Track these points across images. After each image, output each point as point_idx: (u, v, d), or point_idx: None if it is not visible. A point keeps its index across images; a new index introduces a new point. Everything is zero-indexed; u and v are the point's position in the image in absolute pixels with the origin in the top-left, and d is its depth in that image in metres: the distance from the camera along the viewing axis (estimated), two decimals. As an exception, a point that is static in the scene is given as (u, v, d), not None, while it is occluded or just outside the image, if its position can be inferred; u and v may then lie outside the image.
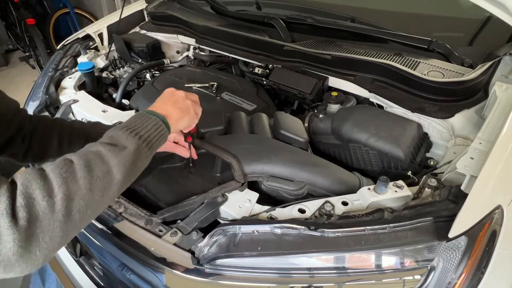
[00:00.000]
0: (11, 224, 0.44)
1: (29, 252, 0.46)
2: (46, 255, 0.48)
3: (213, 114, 1.17)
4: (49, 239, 0.48)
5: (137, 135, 0.62)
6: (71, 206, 0.50)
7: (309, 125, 1.20)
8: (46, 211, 0.47)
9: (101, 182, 0.54)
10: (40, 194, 0.48)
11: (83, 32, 1.74)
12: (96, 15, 4.28)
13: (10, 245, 0.44)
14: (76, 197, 0.51)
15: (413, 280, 0.68)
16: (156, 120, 0.68)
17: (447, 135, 1.04)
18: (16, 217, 0.45)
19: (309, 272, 0.71)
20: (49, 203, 0.48)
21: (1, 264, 0.45)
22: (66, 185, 0.50)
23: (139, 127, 0.64)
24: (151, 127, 0.66)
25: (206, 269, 0.74)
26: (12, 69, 4.31)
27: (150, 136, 0.65)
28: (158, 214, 0.86)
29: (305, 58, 1.30)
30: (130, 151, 0.59)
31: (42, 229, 0.47)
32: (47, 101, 1.32)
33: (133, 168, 0.60)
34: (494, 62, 1.05)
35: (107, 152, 0.57)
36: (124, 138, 0.61)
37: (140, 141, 0.62)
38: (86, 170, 0.53)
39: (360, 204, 0.82)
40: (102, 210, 0.58)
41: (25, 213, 0.46)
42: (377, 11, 1.53)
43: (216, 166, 1.00)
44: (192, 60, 1.75)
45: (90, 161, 0.54)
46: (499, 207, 0.68)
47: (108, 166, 0.56)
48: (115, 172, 0.56)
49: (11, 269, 0.46)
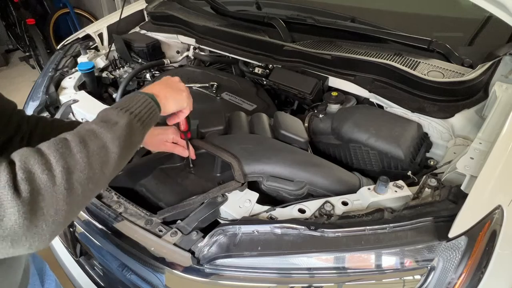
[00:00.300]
0: (14, 196, 0.44)
1: (35, 225, 0.46)
2: (53, 229, 0.48)
3: (213, 114, 1.17)
4: (54, 213, 0.48)
5: (128, 111, 0.63)
6: (72, 179, 0.50)
7: (309, 125, 1.21)
8: (47, 184, 0.48)
9: (98, 156, 0.55)
10: (39, 168, 0.48)
11: (83, 32, 1.74)
12: (96, 15, 4.28)
13: (15, 217, 0.44)
14: (76, 170, 0.51)
15: (413, 280, 0.68)
16: (145, 98, 0.69)
17: (447, 135, 1.04)
18: (18, 190, 0.45)
19: (309, 272, 0.71)
20: (49, 176, 0.48)
21: (8, 238, 0.44)
22: (64, 159, 0.50)
23: (128, 105, 0.65)
24: (140, 104, 0.67)
25: (206, 269, 0.74)
26: (12, 69, 4.30)
27: (140, 112, 0.65)
28: (158, 214, 0.86)
29: (305, 58, 1.30)
30: (122, 125, 0.60)
31: (46, 202, 0.47)
32: (47, 101, 1.32)
33: (128, 142, 0.60)
34: (494, 62, 1.05)
35: (99, 129, 0.58)
36: (115, 115, 0.62)
37: (131, 116, 0.63)
38: (82, 145, 0.53)
39: (360, 204, 0.82)
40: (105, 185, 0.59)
41: (26, 186, 0.46)
42: (377, 11, 1.53)
43: (216, 166, 1.00)
44: (192, 60, 1.75)
45: (84, 137, 0.55)
46: (499, 207, 0.68)
47: (103, 141, 0.56)
48: (111, 146, 0.57)
49: (19, 244, 0.46)
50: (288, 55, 1.35)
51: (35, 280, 0.83)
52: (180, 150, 0.96)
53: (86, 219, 0.93)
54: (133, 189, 1.02)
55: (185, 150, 0.96)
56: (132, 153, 0.64)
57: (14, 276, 0.70)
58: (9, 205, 0.44)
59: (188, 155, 0.98)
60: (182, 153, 0.97)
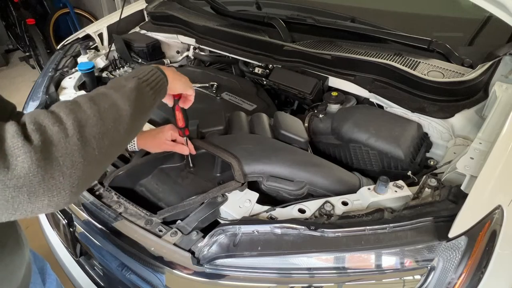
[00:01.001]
0: (24, 142, 0.43)
1: (52, 176, 0.44)
2: (72, 184, 0.47)
3: (213, 114, 1.18)
4: (71, 165, 0.46)
5: (135, 77, 0.64)
6: (84, 131, 0.49)
7: (309, 125, 1.20)
8: (59, 134, 0.47)
9: (109, 112, 0.54)
10: (50, 121, 0.47)
11: (83, 32, 1.74)
12: (96, 15, 4.28)
13: (27, 165, 0.42)
14: (88, 124, 0.50)
15: (413, 280, 0.68)
16: (151, 68, 0.69)
17: (447, 135, 1.04)
18: (29, 138, 0.44)
19: (309, 272, 0.71)
20: (61, 128, 0.47)
21: (23, 189, 0.42)
22: (74, 114, 0.50)
23: (135, 73, 0.66)
24: (147, 72, 0.67)
25: (206, 269, 0.74)
26: (12, 69, 4.30)
27: (149, 79, 0.66)
28: (158, 214, 0.86)
29: (305, 58, 1.30)
30: (132, 87, 0.61)
31: (60, 152, 0.46)
32: (47, 101, 1.32)
33: (138, 103, 0.60)
34: (494, 62, 1.05)
35: (108, 90, 0.58)
36: (123, 80, 0.62)
37: (139, 81, 0.63)
38: (91, 102, 0.53)
39: (360, 204, 0.82)
40: (123, 146, 0.59)
41: (38, 135, 0.45)
42: (377, 11, 1.53)
43: (216, 166, 1.00)
44: (192, 60, 1.75)
45: (93, 97, 0.55)
46: (499, 207, 0.68)
47: (112, 99, 0.56)
48: (121, 104, 0.57)
49: (36, 197, 0.44)
50: (288, 55, 1.35)
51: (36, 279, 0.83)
52: (180, 148, 0.96)
53: (86, 219, 0.93)
54: (133, 189, 1.02)
55: (185, 147, 0.96)
56: (145, 118, 0.65)
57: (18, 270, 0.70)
58: (21, 152, 0.42)
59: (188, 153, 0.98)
60: (183, 151, 0.97)
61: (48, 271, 0.93)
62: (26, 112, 1.29)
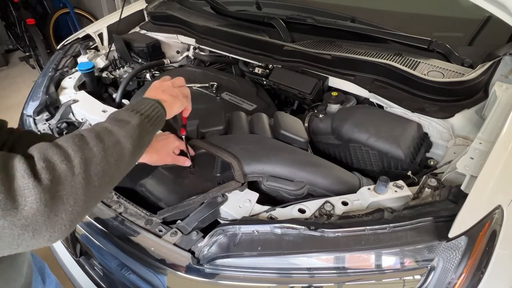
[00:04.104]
0: (35, 183, 0.45)
1: (56, 214, 0.46)
2: (72, 220, 0.48)
3: (213, 114, 1.18)
4: (74, 202, 0.48)
5: (138, 113, 0.66)
6: (89, 170, 0.51)
7: (309, 125, 1.20)
8: (66, 173, 0.48)
9: (113, 151, 0.57)
10: (58, 158, 0.49)
11: (83, 32, 1.74)
12: (96, 15, 4.28)
13: (36, 206, 0.44)
14: (93, 162, 0.52)
15: (413, 280, 0.68)
16: (152, 102, 0.72)
17: (447, 135, 1.04)
18: (39, 177, 0.46)
19: (309, 272, 0.71)
20: (68, 166, 0.49)
21: (29, 227, 0.44)
22: (82, 151, 0.52)
23: (138, 107, 0.68)
24: (149, 107, 0.70)
25: (206, 269, 0.74)
26: (12, 69, 4.30)
27: (150, 114, 0.68)
28: (158, 214, 0.86)
29: (305, 58, 1.30)
30: (134, 125, 0.63)
31: (66, 191, 0.48)
32: (47, 101, 1.32)
33: (140, 141, 0.63)
34: (494, 62, 1.05)
35: (113, 127, 0.60)
36: (127, 115, 0.64)
37: (142, 117, 0.66)
38: (98, 140, 0.55)
39: (360, 204, 0.82)
40: (118, 181, 0.61)
41: (47, 174, 0.46)
42: (377, 11, 1.53)
43: (216, 166, 1.00)
44: (192, 60, 1.75)
45: (100, 133, 0.57)
46: (499, 207, 0.68)
47: (117, 138, 0.59)
48: (124, 142, 0.59)
49: (39, 234, 0.45)
50: (288, 55, 1.34)
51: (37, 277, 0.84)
52: (183, 160, 0.97)
53: (86, 219, 0.93)
54: (133, 189, 1.02)
55: (187, 159, 0.97)
56: (143, 153, 0.67)
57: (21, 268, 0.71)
58: (30, 193, 0.44)
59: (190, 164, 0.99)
60: (185, 163, 0.98)
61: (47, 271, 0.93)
62: (26, 112, 1.30)
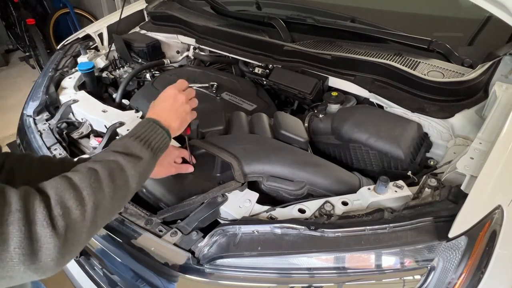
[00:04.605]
0: (53, 233, 0.47)
1: (63, 257, 0.49)
2: (70, 258, 0.51)
3: (213, 114, 1.17)
4: (77, 244, 0.51)
5: (149, 147, 0.67)
6: (97, 214, 0.54)
7: (309, 125, 1.20)
8: (78, 219, 0.51)
9: (121, 191, 0.59)
10: (74, 203, 0.51)
11: (83, 32, 1.74)
12: (96, 15, 4.28)
13: (50, 252, 0.46)
14: (101, 206, 0.54)
15: (413, 280, 0.68)
16: (162, 133, 0.72)
17: (447, 135, 1.04)
18: (55, 226, 0.48)
19: (309, 272, 0.71)
20: (81, 212, 0.51)
21: (39, 270, 0.47)
22: (95, 195, 0.54)
23: (149, 138, 0.69)
24: (158, 138, 0.70)
25: (206, 269, 0.74)
26: (12, 69, 4.30)
27: (158, 147, 0.70)
28: (158, 214, 0.86)
29: (305, 58, 1.30)
30: (145, 162, 0.64)
31: (75, 236, 0.50)
32: (47, 101, 1.32)
33: (144, 177, 0.66)
34: (494, 62, 1.05)
35: (126, 163, 0.61)
36: (139, 150, 0.65)
37: (152, 152, 0.67)
38: (110, 180, 0.57)
39: (360, 204, 0.82)
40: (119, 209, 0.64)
41: (63, 222, 0.49)
42: (377, 11, 1.53)
43: (216, 166, 1.00)
44: (192, 60, 1.75)
45: (113, 171, 0.58)
46: (499, 207, 0.68)
47: (127, 176, 0.60)
48: (132, 181, 0.61)
49: (44, 274, 0.48)
50: (288, 55, 1.34)
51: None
52: (185, 168, 0.97)
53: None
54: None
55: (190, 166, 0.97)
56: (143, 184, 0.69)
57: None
58: (48, 241, 0.46)
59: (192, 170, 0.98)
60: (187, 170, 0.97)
61: None
62: (26, 112, 1.30)
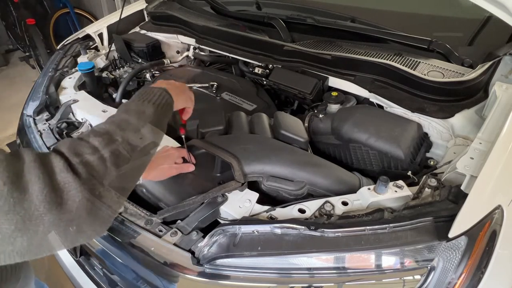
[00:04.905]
0: (75, 177, 0.46)
1: (97, 207, 0.48)
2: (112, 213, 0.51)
3: (213, 114, 1.17)
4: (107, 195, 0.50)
5: (150, 102, 0.69)
6: (119, 161, 0.54)
7: (309, 125, 1.20)
8: (99, 165, 0.51)
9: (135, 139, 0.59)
10: (89, 150, 0.51)
11: (83, 32, 1.74)
12: (96, 15, 4.28)
13: (79, 199, 0.46)
14: (120, 155, 0.55)
15: (413, 280, 0.68)
16: (161, 91, 0.74)
17: (447, 135, 1.04)
18: (77, 172, 0.47)
19: (309, 272, 0.71)
20: (101, 160, 0.51)
21: (74, 222, 0.45)
22: (110, 146, 0.54)
23: (149, 96, 0.70)
24: (158, 95, 0.72)
25: (206, 269, 0.74)
26: (12, 69, 4.30)
27: (161, 103, 0.71)
28: (158, 214, 0.86)
29: (305, 58, 1.30)
30: (150, 114, 0.66)
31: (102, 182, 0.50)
32: (47, 101, 1.32)
33: (159, 126, 0.67)
34: (494, 62, 1.05)
35: (130, 117, 0.62)
36: (140, 105, 0.67)
37: (154, 105, 0.68)
38: (120, 129, 0.58)
39: (360, 204, 0.82)
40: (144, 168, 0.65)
41: (84, 168, 0.48)
42: (377, 11, 1.53)
43: (216, 166, 1.00)
44: (192, 60, 1.75)
45: (121, 123, 0.60)
46: (499, 207, 0.68)
47: (135, 125, 0.61)
48: (144, 131, 0.62)
49: (83, 228, 0.47)
50: (288, 55, 1.34)
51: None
52: (186, 167, 0.96)
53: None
54: (133, 189, 1.02)
55: (191, 165, 0.97)
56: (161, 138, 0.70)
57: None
58: (72, 187, 0.46)
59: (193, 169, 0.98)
60: (188, 169, 0.96)
61: None
62: (26, 112, 1.30)
